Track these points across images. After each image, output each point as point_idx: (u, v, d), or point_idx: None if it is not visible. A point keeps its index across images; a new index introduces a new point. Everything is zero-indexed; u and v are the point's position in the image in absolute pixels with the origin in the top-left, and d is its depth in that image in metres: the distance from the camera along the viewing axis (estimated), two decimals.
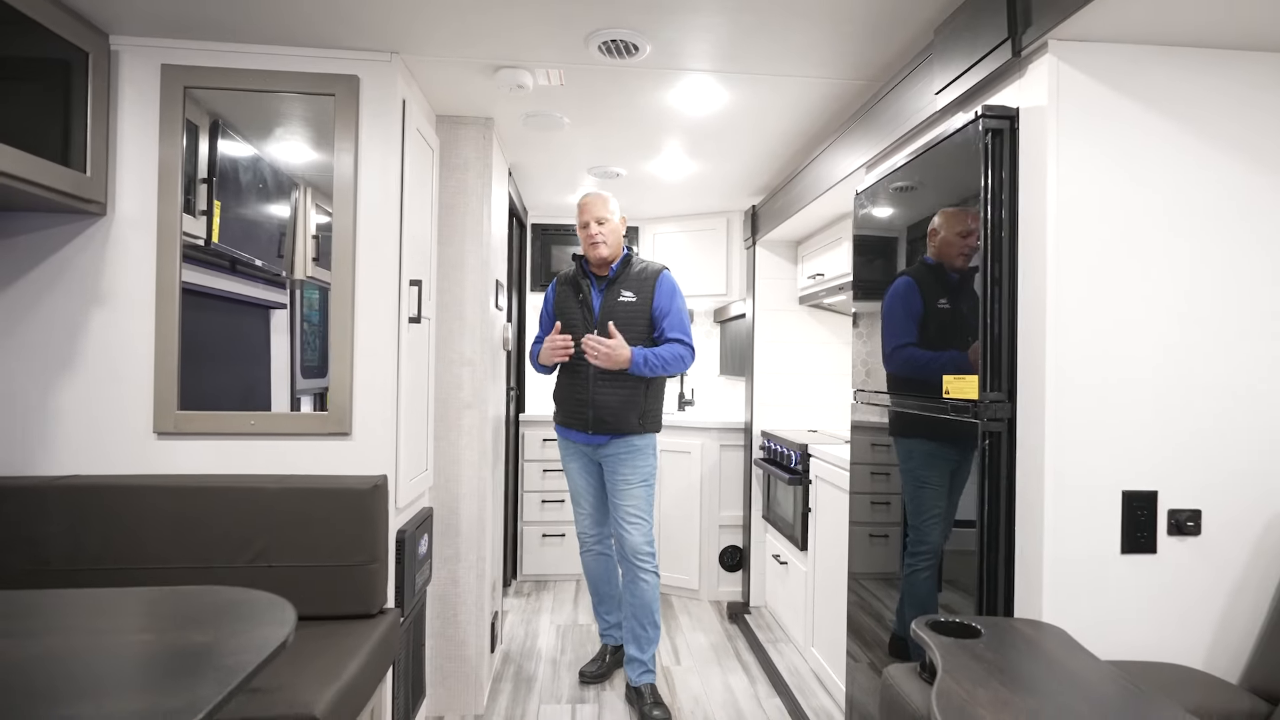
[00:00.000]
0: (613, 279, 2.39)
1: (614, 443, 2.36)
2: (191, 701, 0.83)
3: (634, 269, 2.40)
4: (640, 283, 2.38)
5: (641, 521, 2.36)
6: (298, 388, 2.12)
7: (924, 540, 1.59)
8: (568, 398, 2.42)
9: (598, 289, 2.42)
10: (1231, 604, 1.30)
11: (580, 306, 2.40)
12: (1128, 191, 1.29)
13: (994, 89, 1.43)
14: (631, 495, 2.36)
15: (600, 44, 1.78)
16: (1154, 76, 1.29)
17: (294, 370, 2.13)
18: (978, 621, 1.18)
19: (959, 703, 0.90)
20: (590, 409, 2.34)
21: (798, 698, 2.37)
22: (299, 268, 2.08)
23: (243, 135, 1.99)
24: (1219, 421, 1.31)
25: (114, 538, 1.65)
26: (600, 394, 2.33)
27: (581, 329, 2.37)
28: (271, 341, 2.19)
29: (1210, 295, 1.31)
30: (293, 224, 2.05)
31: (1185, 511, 1.30)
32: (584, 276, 2.44)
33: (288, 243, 2.09)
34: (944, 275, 1.52)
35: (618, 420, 2.33)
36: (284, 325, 2.18)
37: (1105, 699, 0.93)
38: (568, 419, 2.43)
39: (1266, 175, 1.31)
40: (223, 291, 2.10)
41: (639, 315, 2.35)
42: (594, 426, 2.34)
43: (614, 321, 2.31)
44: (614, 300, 2.37)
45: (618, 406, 2.33)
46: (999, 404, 1.35)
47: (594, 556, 2.56)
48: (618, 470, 2.38)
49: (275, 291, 2.16)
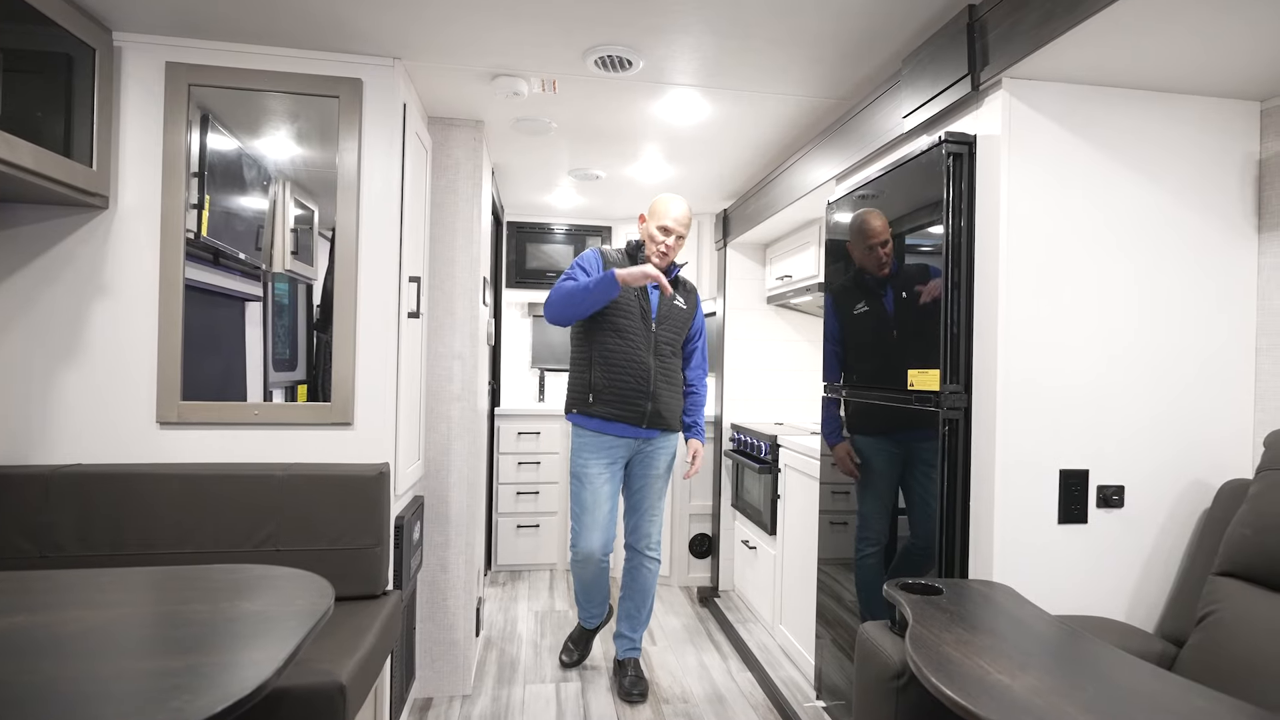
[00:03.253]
0: (671, 281, 2.42)
1: (659, 438, 2.45)
2: (267, 655, 0.93)
3: (681, 277, 2.50)
4: (687, 294, 2.50)
5: (660, 514, 2.51)
6: (270, 381, 2.18)
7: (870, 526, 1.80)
8: (620, 388, 2.32)
9: (652, 286, 2.37)
10: (1148, 565, 1.52)
11: (638, 294, 2.36)
12: (1066, 212, 1.49)
13: (955, 117, 1.61)
14: (660, 488, 2.49)
15: (597, 59, 1.91)
16: (1091, 113, 1.50)
17: (267, 363, 2.18)
18: (939, 582, 1.36)
19: (931, 643, 1.07)
20: (650, 403, 2.34)
21: (767, 670, 2.55)
22: (278, 260, 2.14)
23: (230, 129, 2.02)
24: (1140, 409, 1.52)
25: (123, 524, 1.70)
26: (660, 389, 2.37)
27: (637, 316, 2.34)
28: (246, 334, 2.23)
29: (1133, 302, 1.53)
30: (271, 217, 2.10)
31: (1111, 487, 1.51)
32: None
33: (266, 236, 2.14)
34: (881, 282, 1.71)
35: (671, 417, 2.42)
36: (258, 318, 2.23)
37: (1047, 638, 1.12)
38: (617, 411, 2.33)
39: (1178, 200, 1.54)
40: (206, 284, 2.13)
41: (684, 322, 2.45)
42: (650, 421, 2.36)
43: (666, 323, 2.37)
44: (669, 302, 2.41)
45: (673, 404, 2.42)
46: (957, 394, 1.54)
47: (595, 572, 2.44)
48: (653, 465, 2.46)
49: (250, 284, 2.20)
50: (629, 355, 2.32)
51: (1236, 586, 1.30)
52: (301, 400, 2.12)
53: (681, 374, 2.49)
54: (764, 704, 2.40)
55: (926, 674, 0.96)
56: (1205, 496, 1.53)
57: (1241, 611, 1.24)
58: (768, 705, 2.38)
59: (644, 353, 2.33)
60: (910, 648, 1.05)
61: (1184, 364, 1.54)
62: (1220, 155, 1.55)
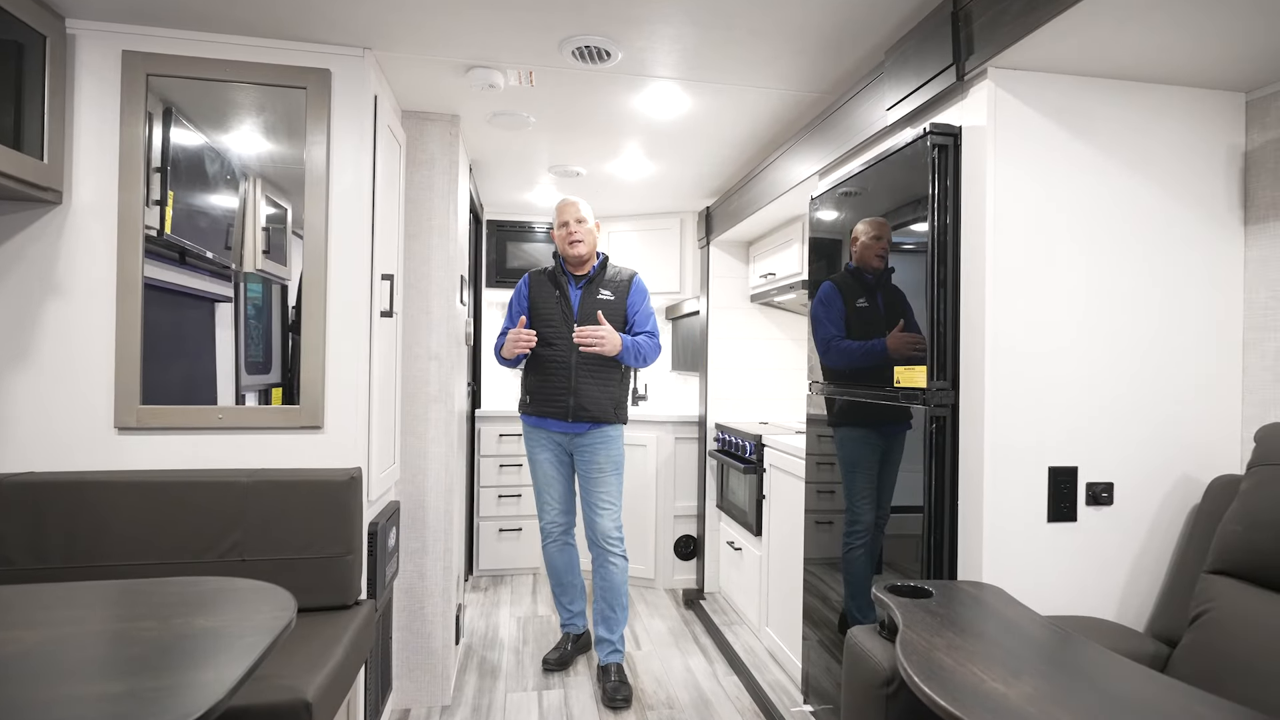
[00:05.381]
0: (591, 278, 2.52)
1: (592, 432, 2.47)
2: (218, 676, 0.86)
3: (609, 272, 2.55)
4: (616, 285, 2.53)
5: (612, 507, 2.49)
6: (242, 384, 2.10)
7: (859, 520, 1.76)
8: (545, 387, 2.48)
9: (575, 287, 2.53)
10: (1138, 564, 1.50)
11: (559, 302, 2.50)
12: (1053, 204, 1.47)
13: (939, 108, 1.58)
14: (605, 482, 2.48)
15: (574, 49, 1.85)
16: (1077, 104, 1.47)
17: (239, 366, 2.10)
18: (928, 584, 1.32)
19: (921, 649, 1.03)
20: (572, 397, 2.43)
21: (754, 674, 2.51)
22: (249, 260, 2.06)
23: (195, 124, 1.95)
24: (1127, 405, 1.50)
25: (78, 535, 1.61)
26: (582, 384, 2.43)
27: (560, 323, 2.48)
28: (216, 336, 2.15)
29: (1120, 295, 1.50)
30: (241, 215, 2.02)
31: (1100, 484, 1.48)
32: (562, 274, 2.53)
33: (236, 234, 2.06)
34: (866, 277, 1.67)
35: (597, 409, 2.44)
36: (229, 319, 2.15)
37: (1040, 642, 1.08)
38: (545, 408, 2.48)
39: (1164, 192, 1.52)
40: (171, 284, 2.05)
41: (615, 314, 2.49)
42: (574, 415, 2.44)
43: (590, 321, 2.44)
44: (593, 298, 2.49)
45: (598, 396, 2.44)
46: (944, 391, 1.51)
47: (559, 548, 2.63)
48: (593, 459, 2.48)
49: (221, 284, 2.12)
50: (552, 358, 2.47)
51: (1229, 585, 1.27)
52: (276, 403, 2.04)
53: (618, 368, 2.50)
54: (751, 708, 2.35)
55: (919, 683, 0.92)
56: (1195, 492, 1.51)
57: (1235, 610, 1.22)
58: (755, 710, 2.34)
59: (566, 354, 2.45)
60: (901, 654, 1.01)
61: (1172, 358, 1.52)
62: (1206, 147, 1.53)
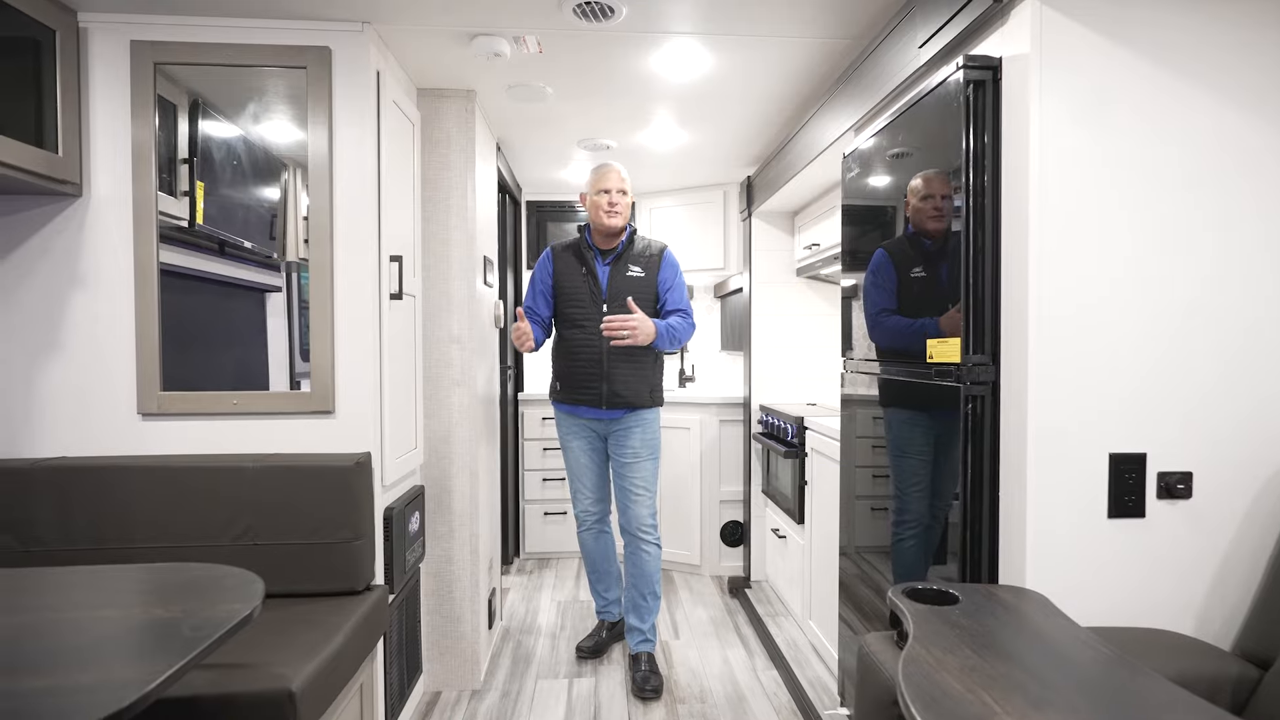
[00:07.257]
0: (620, 253, 2.38)
1: (627, 416, 2.38)
2: (149, 672, 0.82)
3: (638, 245, 2.41)
4: (646, 260, 2.39)
5: (647, 494, 2.39)
6: (297, 370, 2.12)
7: (908, 509, 1.56)
8: (576, 373, 2.37)
9: (603, 263, 2.39)
10: (1224, 568, 1.26)
11: (587, 280, 2.37)
12: (1114, 142, 1.23)
13: (977, 39, 1.36)
14: (640, 469, 2.39)
15: (574, 7, 1.73)
16: (1142, 16, 1.22)
17: (293, 353, 2.13)
18: (956, 588, 1.15)
19: (926, 669, 0.87)
20: (605, 384, 2.33)
21: (794, 669, 2.36)
22: (291, 249, 2.07)
23: (225, 115, 1.96)
24: (1210, 381, 1.26)
25: (102, 518, 1.66)
26: (615, 369, 2.33)
27: (588, 302, 2.36)
28: (268, 324, 2.18)
29: (1202, 249, 1.25)
30: (283, 205, 2.03)
31: (1175, 474, 1.25)
32: (588, 248, 2.40)
33: (279, 225, 2.07)
34: (919, 242, 1.47)
35: (632, 394, 2.34)
36: (280, 308, 2.18)
37: (1077, 663, 0.91)
38: (576, 395, 2.38)
39: (1254, 117, 1.25)
40: (211, 274, 2.09)
41: (646, 290, 2.36)
42: (608, 401, 2.34)
43: (619, 299, 2.31)
44: (622, 275, 2.36)
45: (633, 380, 2.34)
46: (982, 367, 1.31)
47: (594, 535, 2.55)
48: (627, 444, 2.39)
49: (270, 274, 2.15)
50: (582, 342, 2.36)
51: None
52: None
53: (651, 349, 2.34)
54: (788, 705, 2.22)
55: (913, 711, 0.78)
56: None
57: None
58: (791, 708, 2.21)
59: (596, 336, 2.31)
60: (901, 674, 0.86)
61: (1266, 327, 1.26)
62: None
